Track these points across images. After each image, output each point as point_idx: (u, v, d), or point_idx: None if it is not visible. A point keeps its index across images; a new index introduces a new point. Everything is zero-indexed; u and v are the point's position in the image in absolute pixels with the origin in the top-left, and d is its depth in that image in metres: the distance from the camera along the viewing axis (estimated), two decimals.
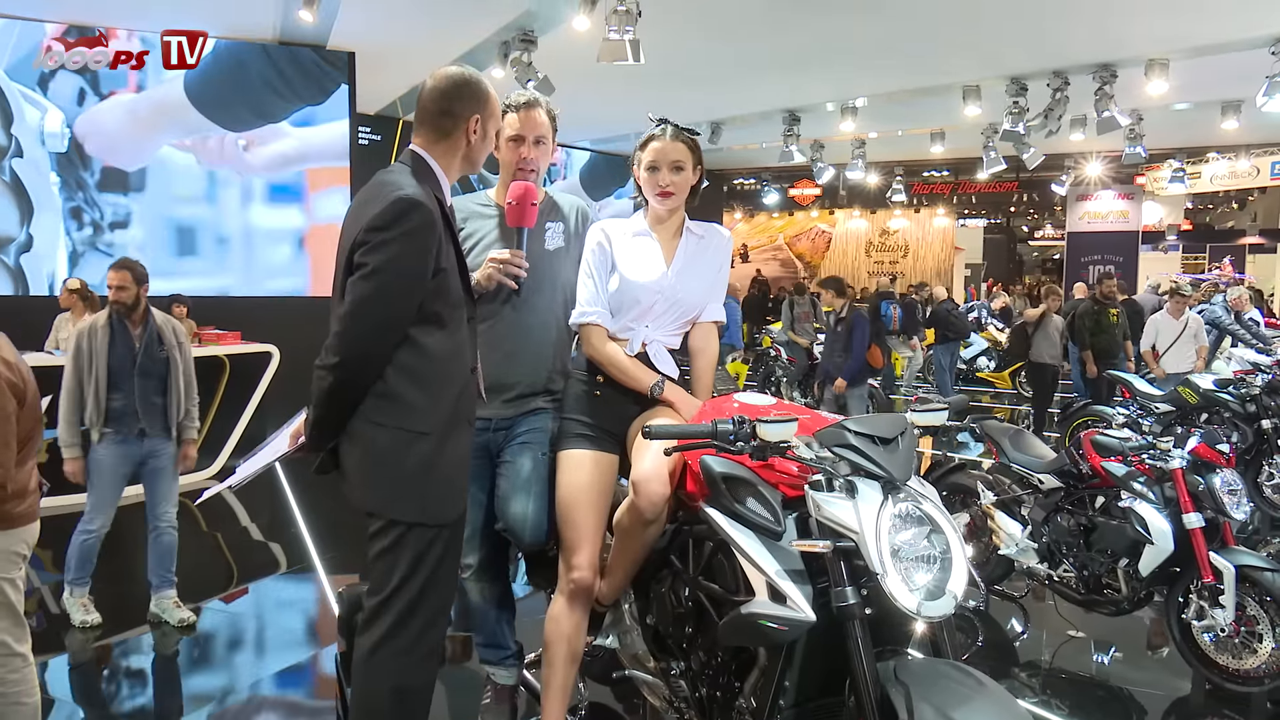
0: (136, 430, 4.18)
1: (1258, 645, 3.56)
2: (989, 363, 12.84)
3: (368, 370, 2.17)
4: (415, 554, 2.19)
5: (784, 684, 2.06)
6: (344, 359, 2.15)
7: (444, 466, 2.24)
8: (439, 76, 2.34)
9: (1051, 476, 4.32)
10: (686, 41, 8.71)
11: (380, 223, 2.13)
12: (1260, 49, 8.56)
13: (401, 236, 2.13)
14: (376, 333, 2.16)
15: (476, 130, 2.34)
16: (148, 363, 4.18)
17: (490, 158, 2.58)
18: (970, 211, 25.89)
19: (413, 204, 2.15)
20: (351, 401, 2.20)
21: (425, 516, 2.21)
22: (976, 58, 9.59)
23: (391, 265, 2.13)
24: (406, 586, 2.19)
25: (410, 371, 2.19)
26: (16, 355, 2.69)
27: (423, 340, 2.20)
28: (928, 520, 1.97)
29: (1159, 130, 12.82)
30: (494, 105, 2.39)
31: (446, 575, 2.29)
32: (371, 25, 8.29)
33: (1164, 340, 8.28)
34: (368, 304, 2.13)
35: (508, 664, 2.97)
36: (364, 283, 2.13)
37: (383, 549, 2.21)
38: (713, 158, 15.81)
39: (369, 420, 2.20)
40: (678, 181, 2.63)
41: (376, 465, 2.21)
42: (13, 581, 2.68)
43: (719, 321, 2.78)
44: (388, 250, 2.12)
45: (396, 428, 2.19)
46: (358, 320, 2.14)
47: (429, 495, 2.21)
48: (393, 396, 2.19)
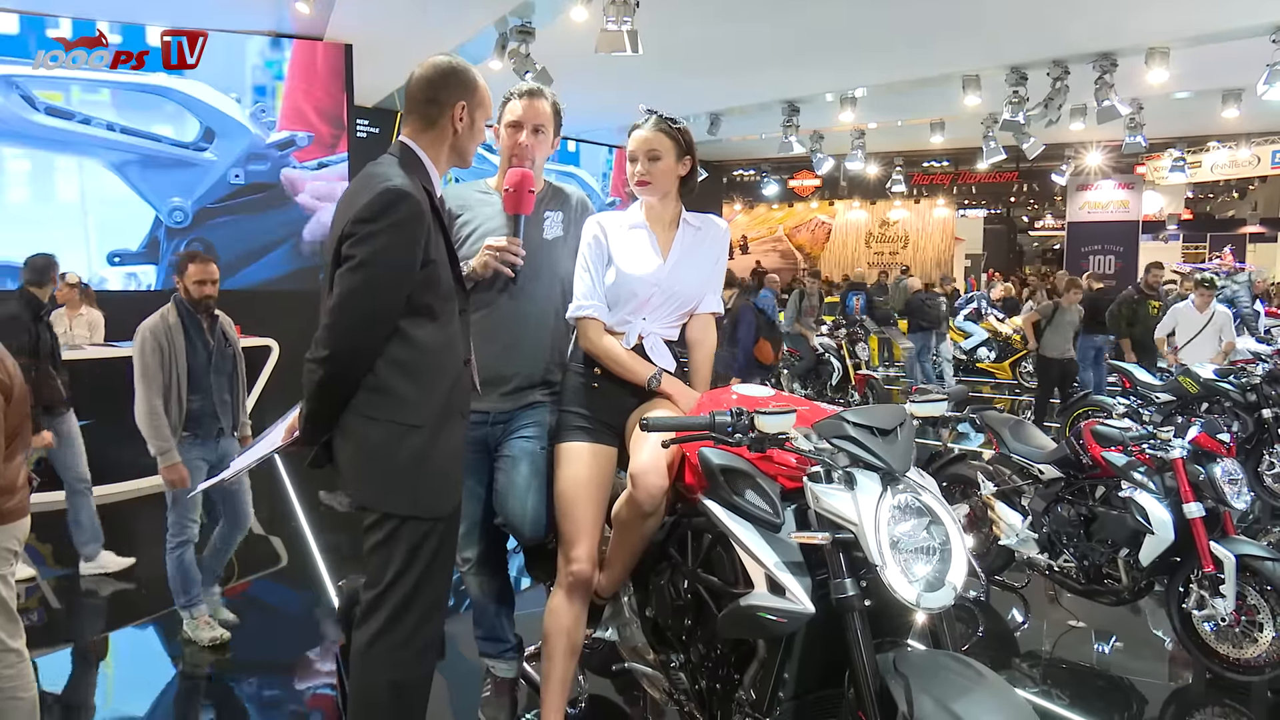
0: (215, 431, 4.01)
1: (1258, 635, 3.56)
2: (989, 353, 12.82)
3: (358, 363, 2.16)
4: (410, 547, 2.19)
5: (783, 676, 2.06)
6: (333, 351, 2.14)
7: (437, 459, 2.23)
8: (426, 65, 2.32)
9: (1052, 467, 4.31)
10: (685, 32, 8.68)
11: (367, 214, 2.12)
12: (1261, 37, 8.53)
13: (389, 228, 2.11)
14: (365, 325, 2.15)
15: (463, 118, 2.31)
16: (220, 360, 4.04)
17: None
18: (970, 202, 25.87)
19: (400, 195, 2.13)
20: (343, 394, 2.18)
21: (419, 510, 2.20)
22: (976, 47, 9.56)
23: (379, 257, 2.11)
24: (402, 580, 2.18)
25: (401, 364, 2.18)
26: (2, 350, 2.69)
27: (413, 333, 2.19)
28: (927, 511, 1.96)
29: (1159, 119, 12.80)
30: (483, 94, 2.35)
31: (442, 568, 2.28)
32: (368, 17, 8.27)
33: (1185, 332, 7.84)
34: (356, 296, 2.12)
35: (507, 657, 2.97)
36: (352, 275, 2.12)
37: (377, 542, 2.20)
38: (712, 149, 15.80)
39: (361, 414, 2.19)
40: (654, 171, 2.62)
41: (369, 459, 2.20)
42: (4, 578, 2.68)
43: (716, 313, 2.77)
44: (375, 242, 2.11)
45: (388, 421, 2.18)
46: (346, 312, 2.13)
47: (422, 488, 2.20)
48: (384, 390, 2.18)
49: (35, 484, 2.90)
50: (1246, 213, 23.60)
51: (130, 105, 8.38)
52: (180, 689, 3.82)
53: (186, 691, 3.79)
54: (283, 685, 3.87)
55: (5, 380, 2.61)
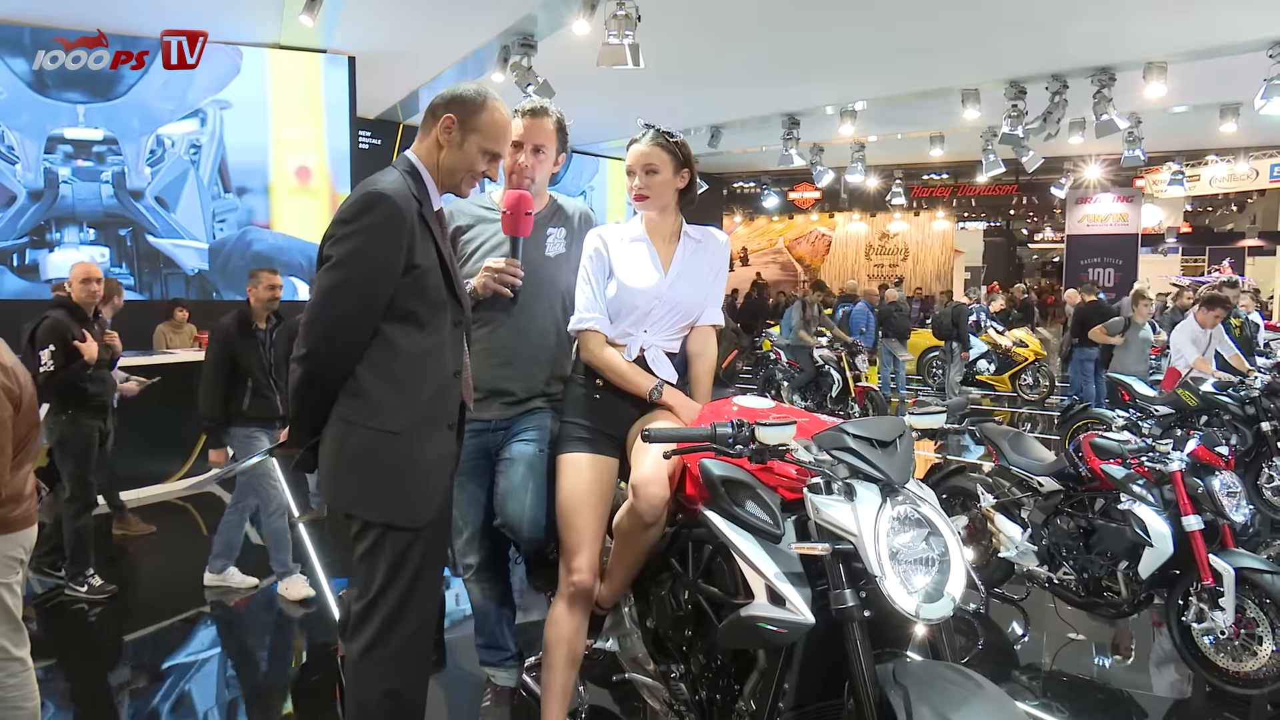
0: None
1: (1257, 648, 3.56)
2: (989, 365, 12.84)
3: (337, 363, 2.17)
4: (394, 557, 2.18)
5: (783, 686, 2.06)
6: (311, 349, 2.15)
7: (415, 468, 2.21)
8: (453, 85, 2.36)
9: (1051, 479, 4.31)
10: (686, 46, 8.72)
11: (346, 215, 2.15)
12: (1258, 51, 8.57)
13: (366, 229, 2.13)
14: (342, 324, 2.15)
15: (450, 130, 2.28)
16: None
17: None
18: (970, 214, 25.92)
19: (379, 197, 2.14)
20: (324, 395, 2.18)
21: (396, 518, 2.18)
22: (975, 61, 9.61)
23: (355, 257, 2.12)
24: (389, 591, 2.17)
25: (380, 369, 2.18)
26: (13, 359, 2.69)
27: (397, 340, 2.19)
28: (926, 523, 1.97)
29: (1158, 133, 12.84)
30: (481, 118, 2.28)
31: (431, 578, 2.27)
32: (372, 29, 8.31)
33: (1191, 351, 7.17)
34: (333, 294, 2.14)
35: (508, 666, 2.97)
36: (328, 274, 2.14)
37: (363, 552, 2.20)
38: (712, 161, 15.85)
39: (341, 418, 2.19)
40: (652, 185, 2.64)
41: (347, 463, 2.19)
42: (10, 586, 2.68)
43: (717, 325, 2.79)
44: (351, 242, 2.13)
45: (365, 426, 2.17)
46: (323, 311, 2.15)
47: (401, 496, 2.19)
48: (361, 394, 2.18)
49: (44, 493, 2.91)
50: (1245, 226, 23.63)
51: None
52: (179, 696, 3.81)
53: (185, 699, 3.79)
54: (283, 692, 3.86)
55: (14, 389, 2.62)
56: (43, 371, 4.50)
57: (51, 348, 4.57)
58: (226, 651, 4.25)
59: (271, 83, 8.80)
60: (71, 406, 4.73)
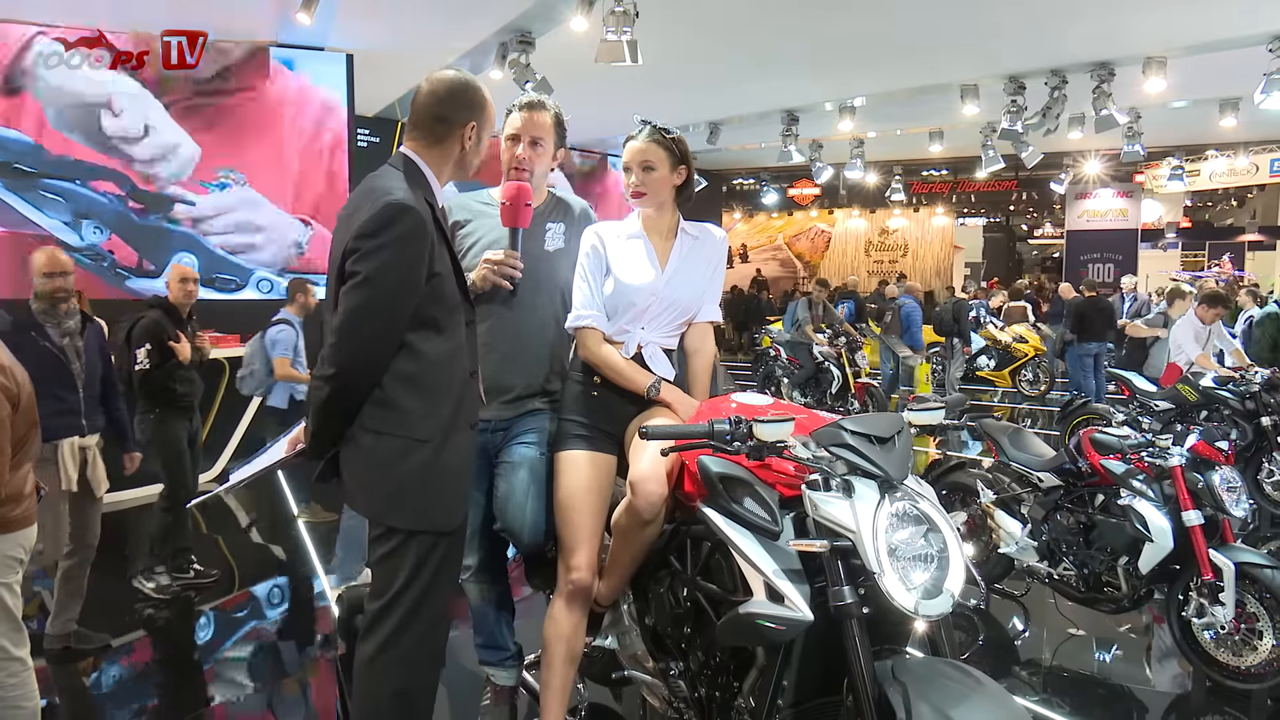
0: None
1: (1257, 642, 3.56)
2: (989, 361, 12.85)
3: (365, 380, 2.15)
4: (416, 560, 2.18)
5: (782, 683, 2.06)
6: (340, 369, 2.12)
7: (444, 473, 2.21)
8: (435, 80, 2.31)
9: (1051, 475, 4.31)
10: (684, 42, 8.71)
11: (370, 229, 2.09)
12: (1258, 46, 8.55)
13: (393, 243, 2.09)
14: (373, 341, 2.13)
15: (471, 137, 2.31)
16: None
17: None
18: (969, 210, 25.91)
19: (402, 209, 2.11)
20: (350, 411, 2.17)
21: (426, 524, 2.18)
22: (974, 56, 9.59)
23: (383, 272, 2.09)
24: (408, 591, 2.17)
25: (408, 379, 2.16)
26: (11, 359, 2.69)
27: (420, 346, 2.17)
28: (925, 519, 1.97)
29: (1157, 128, 12.83)
30: (490, 112, 2.36)
31: (448, 580, 2.28)
32: (369, 27, 8.29)
33: (1192, 348, 7.15)
34: (361, 313, 2.10)
35: (507, 665, 2.97)
36: (356, 291, 2.10)
37: (384, 554, 2.19)
38: (711, 158, 15.82)
39: (367, 428, 2.17)
40: (649, 181, 2.64)
41: (375, 473, 2.18)
42: (10, 586, 2.68)
43: (715, 321, 2.78)
44: (379, 257, 2.09)
45: (394, 435, 2.16)
46: (353, 330, 2.11)
47: (429, 502, 2.19)
48: (390, 404, 2.16)
49: (43, 493, 2.90)
50: (1245, 221, 23.63)
51: None
52: (178, 698, 3.82)
53: (184, 701, 3.79)
54: (283, 694, 3.87)
55: (12, 389, 2.62)
56: (138, 370, 4.64)
57: (148, 346, 4.67)
58: (226, 653, 4.25)
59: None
60: (159, 406, 4.78)
